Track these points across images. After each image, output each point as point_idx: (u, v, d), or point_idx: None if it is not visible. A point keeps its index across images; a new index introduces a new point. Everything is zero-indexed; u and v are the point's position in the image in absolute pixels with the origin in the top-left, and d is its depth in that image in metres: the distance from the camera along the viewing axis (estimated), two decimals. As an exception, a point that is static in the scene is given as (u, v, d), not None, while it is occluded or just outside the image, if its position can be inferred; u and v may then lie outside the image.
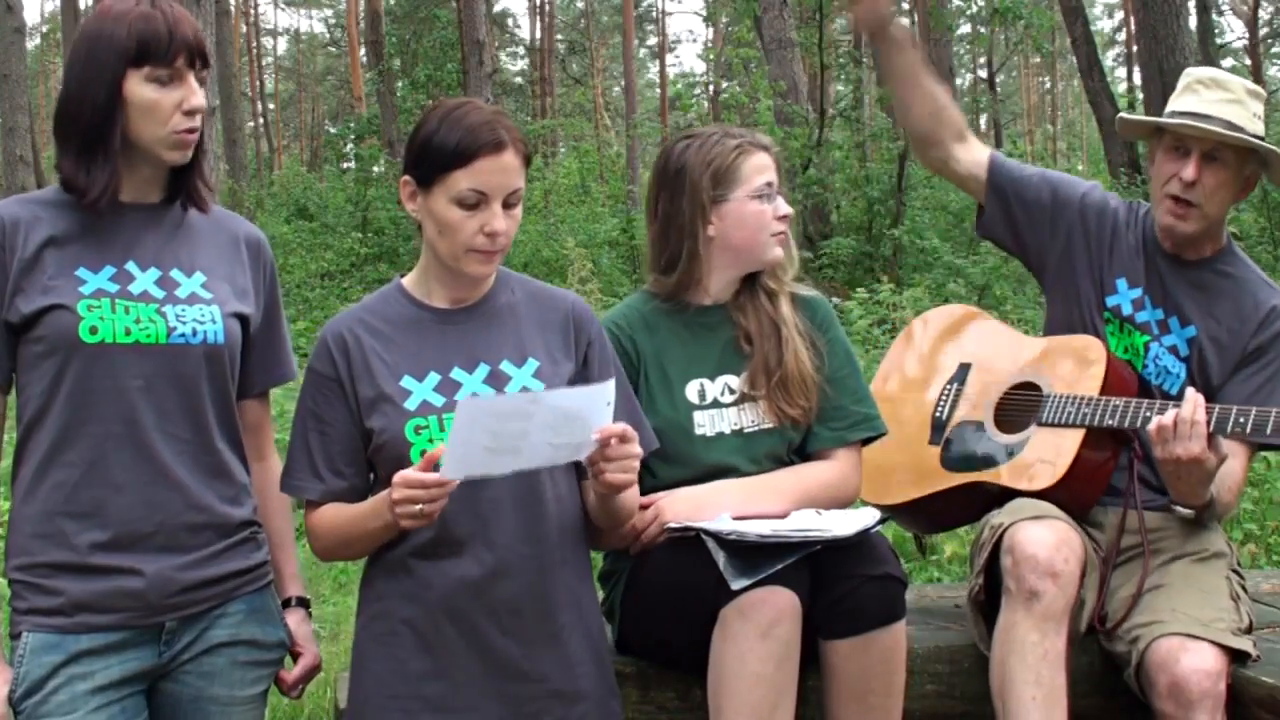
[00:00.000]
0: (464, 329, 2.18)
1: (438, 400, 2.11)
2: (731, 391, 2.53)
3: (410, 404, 2.11)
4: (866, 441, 2.60)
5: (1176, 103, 2.76)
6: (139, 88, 1.99)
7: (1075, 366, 2.72)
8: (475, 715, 2.09)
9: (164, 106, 2.00)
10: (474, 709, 2.09)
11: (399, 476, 1.93)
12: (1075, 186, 2.91)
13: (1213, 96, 2.69)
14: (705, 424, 2.50)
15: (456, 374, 2.14)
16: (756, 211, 2.52)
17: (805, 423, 2.52)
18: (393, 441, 2.09)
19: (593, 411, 1.95)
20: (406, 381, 2.13)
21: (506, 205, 2.10)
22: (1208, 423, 2.41)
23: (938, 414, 2.89)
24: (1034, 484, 2.60)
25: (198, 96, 2.02)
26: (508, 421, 1.88)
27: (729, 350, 2.56)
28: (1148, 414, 2.56)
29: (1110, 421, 2.60)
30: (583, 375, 2.22)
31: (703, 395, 2.52)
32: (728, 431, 2.50)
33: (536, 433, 1.90)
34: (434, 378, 2.13)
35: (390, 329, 2.18)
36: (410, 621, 2.11)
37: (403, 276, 2.27)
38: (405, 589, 2.11)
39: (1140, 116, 3.01)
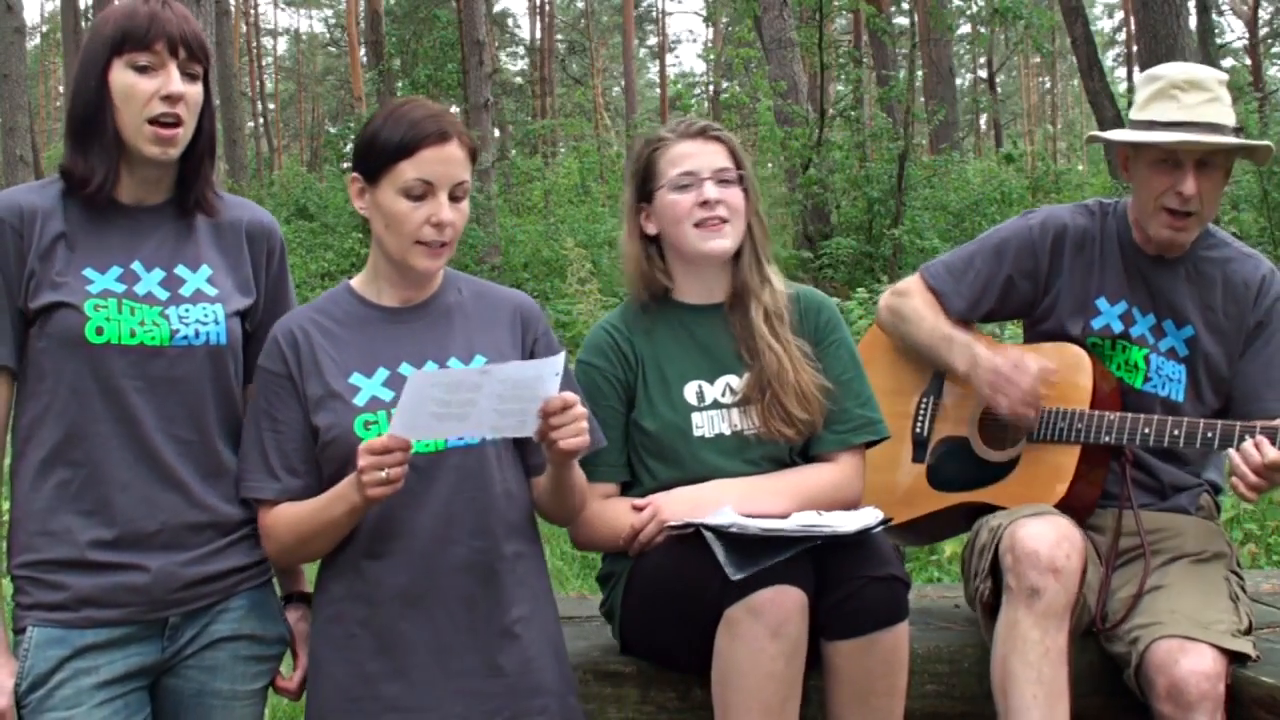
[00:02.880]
0: (413, 327, 2.20)
1: (386, 395, 2.12)
2: (733, 392, 2.51)
3: (359, 400, 2.11)
4: (869, 445, 2.59)
5: (1153, 110, 2.61)
6: (119, 74, 2.03)
7: (1060, 379, 2.67)
8: (435, 715, 2.09)
9: (140, 91, 2.02)
10: (434, 709, 2.09)
11: (363, 446, 1.95)
12: (1021, 235, 2.79)
13: (1194, 100, 2.57)
14: (704, 425, 2.49)
15: (405, 369, 2.14)
16: (671, 203, 2.51)
17: (803, 437, 2.50)
18: (341, 437, 2.09)
19: (540, 383, 1.97)
20: (355, 378, 2.13)
21: (453, 198, 2.12)
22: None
23: (917, 430, 2.85)
24: (1034, 505, 2.55)
25: (175, 83, 2.02)
26: (456, 392, 1.91)
27: (729, 351, 2.54)
28: (1145, 430, 2.55)
29: (1106, 438, 2.59)
30: None
31: (701, 397, 2.52)
32: (727, 432, 2.49)
33: (485, 401, 1.93)
34: (382, 373, 2.14)
35: (339, 328, 2.18)
36: (366, 623, 2.10)
37: (350, 279, 2.28)
38: (357, 590, 2.11)
39: (1125, 135, 2.67)
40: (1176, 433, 2.54)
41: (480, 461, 2.11)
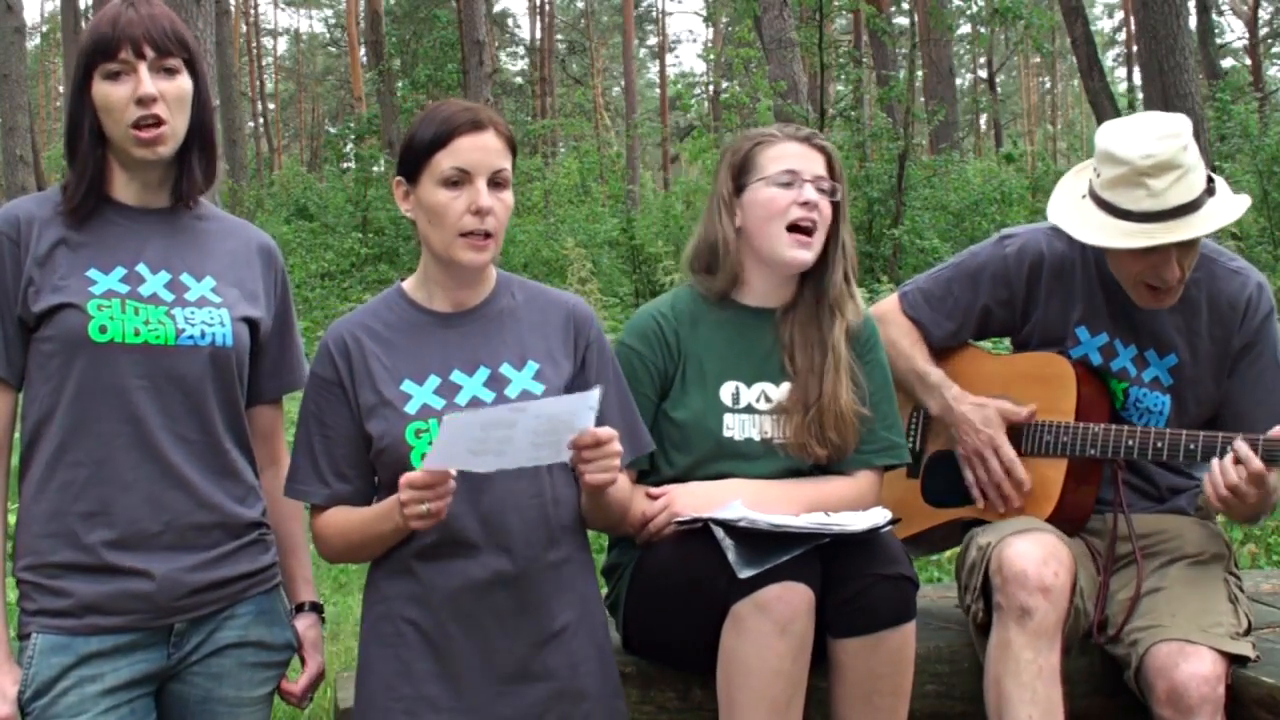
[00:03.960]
0: (464, 332, 2.19)
1: (438, 403, 2.12)
2: (768, 400, 2.51)
3: (410, 408, 2.12)
4: (888, 469, 2.60)
5: (1122, 196, 2.46)
6: (98, 87, 2.04)
7: (1046, 390, 2.66)
8: (480, 716, 2.10)
9: (115, 100, 2.02)
10: (478, 710, 2.10)
11: (404, 479, 1.95)
12: (996, 263, 2.74)
13: (1164, 184, 2.42)
14: (735, 427, 2.49)
15: (456, 376, 2.15)
16: (768, 197, 2.49)
17: (830, 460, 2.50)
18: (393, 445, 2.10)
19: (576, 416, 1.96)
20: (406, 385, 2.13)
21: (493, 185, 2.11)
22: (1262, 459, 2.37)
23: (910, 445, 2.83)
24: (1022, 520, 2.55)
25: (145, 85, 2.02)
26: (492, 430, 1.91)
27: (771, 358, 2.53)
28: (1129, 443, 2.55)
29: (1092, 451, 2.59)
30: (581, 377, 2.22)
31: (736, 399, 2.51)
32: (757, 439, 2.49)
33: (520, 437, 1.93)
34: (434, 380, 2.14)
35: (391, 333, 2.18)
36: (415, 623, 2.12)
37: (403, 281, 2.27)
38: (410, 591, 2.12)
39: (1101, 240, 2.51)
40: (1160, 444, 2.53)
41: (532, 470, 2.10)
